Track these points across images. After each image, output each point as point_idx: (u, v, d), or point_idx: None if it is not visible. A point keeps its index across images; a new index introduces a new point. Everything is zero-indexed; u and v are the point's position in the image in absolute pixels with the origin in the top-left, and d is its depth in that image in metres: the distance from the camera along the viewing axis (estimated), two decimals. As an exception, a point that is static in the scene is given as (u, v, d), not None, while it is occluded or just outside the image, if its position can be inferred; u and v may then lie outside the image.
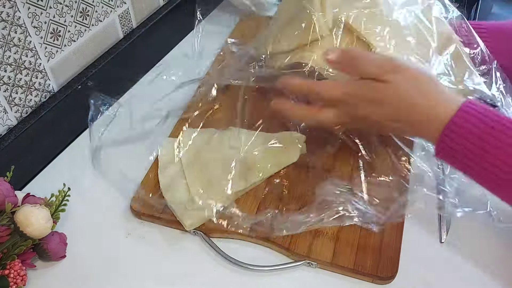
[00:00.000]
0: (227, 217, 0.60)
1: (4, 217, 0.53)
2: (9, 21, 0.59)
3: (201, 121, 0.73)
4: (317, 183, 0.63)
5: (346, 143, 0.63)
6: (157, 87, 0.81)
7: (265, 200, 0.63)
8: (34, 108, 0.67)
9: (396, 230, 0.59)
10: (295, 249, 0.58)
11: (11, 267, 0.52)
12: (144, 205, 0.62)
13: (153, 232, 0.61)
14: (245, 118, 0.73)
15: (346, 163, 0.66)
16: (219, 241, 0.60)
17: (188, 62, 0.86)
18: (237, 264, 0.58)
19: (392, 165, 0.61)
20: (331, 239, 0.58)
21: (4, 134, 0.63)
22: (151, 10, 0.84)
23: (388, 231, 0.59)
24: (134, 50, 0.80)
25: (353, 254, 0.57)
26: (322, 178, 0.64)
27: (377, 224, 0.56)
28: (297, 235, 0.59)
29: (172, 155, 0.66)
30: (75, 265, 0.58)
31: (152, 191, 0.63)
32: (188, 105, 0.75)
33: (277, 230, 0.58)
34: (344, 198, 0.58)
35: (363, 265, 0.56)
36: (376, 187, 0.60)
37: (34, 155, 0.67)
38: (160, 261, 0.59)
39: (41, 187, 0.66)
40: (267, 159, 0.65)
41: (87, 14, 0.70)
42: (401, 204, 0.57)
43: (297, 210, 0.61)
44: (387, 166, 0.62)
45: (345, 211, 0.57)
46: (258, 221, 0.59)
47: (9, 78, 0.61)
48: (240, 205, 0.62)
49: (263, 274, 0.58)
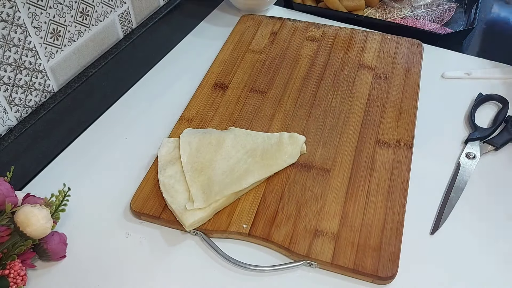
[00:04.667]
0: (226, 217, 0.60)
1: (4, 217, 0.53)
2: (9, 21, 0.59)
3: (201, 121, 0.73)
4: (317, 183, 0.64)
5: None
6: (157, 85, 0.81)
7: (265, 200, 0.63)
8: (34, 108, 0.67)
9: (396, 229, 0.59)
10: (295, 249, 0.58)
11: (11, 267, 0.52)
12: (144, 205, 0.62)
13: (153, 232, 0.61)
14: (245, 117, 0.73)
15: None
16: (219, 241, 0.60)
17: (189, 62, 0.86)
18: (237, 265, 0.58)
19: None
20: (331, 239, 0.58)
21: (4, 134, 0.63)
22: (151, 10, 0.84)
23: (388, 231, 0.59)
24: (134, 50, 0.80)
25: (353, 254, 0.57)
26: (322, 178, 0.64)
27: None
28: (296, 235, 0.59)
29: (172, 155, 0.66)
30: (75, 265, 0.58)
31: (152, 191, 0.64)
32: (188, 104, 0.76)
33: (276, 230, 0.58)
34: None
35: (363, 265, 0.56)
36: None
37: (34, 155, 0.67)
38: (160, 261, 0.59)
39: (41, 187, 0.66)
40: (267, 159, 0.65)
41: (87, 14, 0.70)
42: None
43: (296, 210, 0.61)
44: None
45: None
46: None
47: (9, 78, 0.61)
48: (240, 205, 0.62)
49: (263, 274, 0.58)
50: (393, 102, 0.76)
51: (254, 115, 0.74)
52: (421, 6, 1.01)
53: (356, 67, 0.82)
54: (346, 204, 0.62)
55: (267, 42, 0.88)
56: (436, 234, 0.61)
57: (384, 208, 0.62)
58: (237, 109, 0.75)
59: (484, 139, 0.71)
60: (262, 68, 0.82)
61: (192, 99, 0.77)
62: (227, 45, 0.87)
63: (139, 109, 0.78)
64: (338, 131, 0.71)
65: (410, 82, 0.79)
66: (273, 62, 0.84)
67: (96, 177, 0.68)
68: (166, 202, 0.61)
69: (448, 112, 0.77)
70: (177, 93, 0.79)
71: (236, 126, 0.72)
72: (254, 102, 0.76)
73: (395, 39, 0.88)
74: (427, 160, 0.69)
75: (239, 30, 0.91)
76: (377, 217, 0.61)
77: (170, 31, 0.88)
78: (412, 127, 0.72)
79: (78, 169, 0.69)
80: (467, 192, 0.65)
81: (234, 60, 0.84)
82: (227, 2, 1.00)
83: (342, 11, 0.97)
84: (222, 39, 0.89)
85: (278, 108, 0.75)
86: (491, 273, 0.57)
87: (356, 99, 0.76)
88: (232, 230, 0.60)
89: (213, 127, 0.72)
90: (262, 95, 0.77)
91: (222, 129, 0.72)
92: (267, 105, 0.76)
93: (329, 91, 0.78)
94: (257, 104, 0.76)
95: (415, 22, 0.97)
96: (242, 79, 0.80)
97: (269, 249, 0.60)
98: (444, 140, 0.72)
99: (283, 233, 0.59)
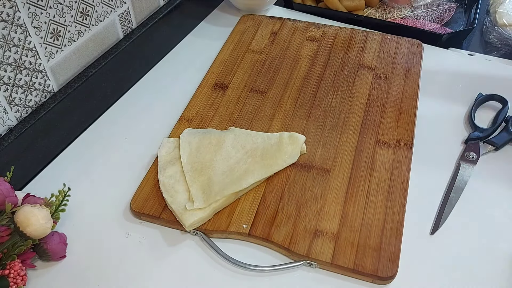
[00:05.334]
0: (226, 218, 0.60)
1: (4, 217, 0.53)
2: (9, 21, 0.59)
3: (201, 121, 0.73)
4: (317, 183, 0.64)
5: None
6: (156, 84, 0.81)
7: (265, 200, 0.63)
8: (34, 108, 0.67)
9: (396, 229, 0.59)
10: (295, 249, 0.58)
11: (11, 267, 0.52)
12: (144, 205, 0.62)
13: (153, 232, 0.61)
14: (245, 117, 0.73)
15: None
16: (219, 242, 0.60)
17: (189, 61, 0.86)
18: (237, 265, 0.58)
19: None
20: (331, 239, 0.58)
21: (4, 134, 0.63)
22: (151, 10, 0.84)
23: (388, 231, 0.59)
24: (134, 50, 0.80)
25: (353, 254, 0.57)
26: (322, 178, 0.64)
27: None
28: (296, 235, 0.59)
29: (172, 155, 0.66)
30: (75, 265, 0.58)
31: (152, 191, 0.63)
32: (188, 104, 0.76)
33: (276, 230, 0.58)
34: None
35: (363, 265, 0.56)
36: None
37: (34, 155, 0.67)
38: (160, 261, 0.59)
39: (41, 187, 0.66)
40: (267, 159, 0.65)
41: (87, 14, 0.70)
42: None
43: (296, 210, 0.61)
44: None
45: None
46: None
47: (9, 78, 0.61)
48: (240, 205, 0.62)
49: (263, 274, 0.58)
50: (393, 102, 0.76)
51: (254, 115, 0.74)
52: (421, 6, 1.01)
53: (356, 67, 0.82)
54: (346, 204, 0.62)
55: (267, 42, 0.88)
56: (436, 234, 0.61)
57: (384, 208, 0.62)
58: (237, 109, 0.75)
59: (484, 139, 0.71)
60: (262, 68, 0.82)
61: (192, 99, 0.77)
62: (227, 45, 0.87)
63: (139, 109, 0.78)
64: (338, 131, 0.71)
65: (410, 82, 0.79)
66: (273, 62, 0.84)
67: (96, 177, 0.68)
68: (166, 202, 0.61)
69: (448, 112, 0.77)
70: (177, 93, 0.79)
71: (236, 126, 0.72)
72: (254, 102, 0.76)
73: (395, 39, 0.88)
74: (427, 160, 0.69)
75: (239, 30, 0.91)
76: (377, 217, 0.61)
77: (170, 31, 0.88)
78: (412, 127, 0.72)
79: (78, 169, 0.69)
80: (467, 192, 0.65)
81: (234, 60, 0.84)
82: (227, 2, 1.00)
83: (342, 11, 0.97)
84: (222, 39, 0.89)
85: (278, 108, 0.75)
86: (491, 273, 0.57)
87: (356, 99, 0.76)
88: (232, 230, 0.60)
89: (213, 127, 0.72)
90: (262, 95, 0.77)
91: (222, 129, 0.72)
92: (267, 105, 0.76)
93: (329, 91, 0.78)
94: (257, 104, 0.76)
95: (415, 22, 0.97)
96: (242, 79, 0.80)
97: (269, 249, 0.60)
98: (444, 140, 0.72)
99: (283, 233, 0.59)
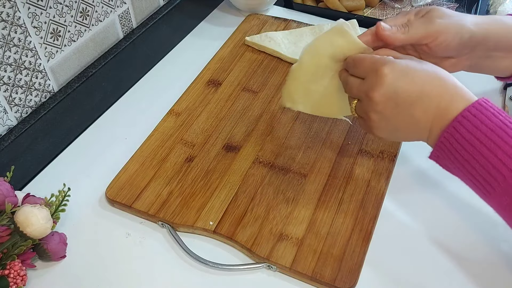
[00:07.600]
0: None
1: (4, 217, 0.53)
2: (9, 21, 0.59)
3: (189, 116, 0.73)
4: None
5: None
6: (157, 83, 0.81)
7: (237, 199, 0.62)
8: (34, 108, 0.67)
9: (361, 242, 0.58)
10: (257, 250, 0.57)
11: (11, 267, 0.52)
12: (117, 193, 0.63)
13: (153, 232, 0.61)
14: (232, 116, 0.73)
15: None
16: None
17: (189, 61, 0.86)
18: (198, 260, 0.57)
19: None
20: (294, 244, 0.58)
21: (4, 134, 0.63)
22: (151, 10, 0.84)
23: (354, 242, 0.58)
24: (134, 50, 0.80)
25: (314, 261, 0.56)
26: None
27: None
28: (261, 237, 0.58)
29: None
30: (75, 265, 0.58)
31: (128, 181, 0.64)
32: (179, 99, 0.76)
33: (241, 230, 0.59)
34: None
35: (322, 273, 0.55)
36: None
37: (34, 155, 0.67)
38: (160, 261, 0.59)
39: (41, 187, 0.66)
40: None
41: (87, 14, 0.70)
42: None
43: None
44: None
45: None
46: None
47: (9, 78, 0.61)
48: (210, 202, 0.62)
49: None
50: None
51: (241, 114, 0.74)
52: (421, 6, 1.01)
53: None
54: (316, 211, 0.61)
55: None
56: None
57: (353, 219, 0.60)
58: (226, 107, 0.75)
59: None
60: (258, 68, 0.82)
61: (183, 94, 0.77)
62: (228, 43, 0.87)
63: (139, 109, 0.78)
64: (322, 137, 0.70)
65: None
66: (270, 63, 0.83)
67: (96, 177, 0.68)
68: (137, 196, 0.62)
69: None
70: (177, 93, 0.79)
71: (222, 123, 0.72)
72: (244, 101, 0.76)
73: (395, 39, 0.87)
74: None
75: (242, 29, 0.90)
76: (345, 226, 0.59)
77: (170, 31, 0.88)
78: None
79: (78, 169, 0.69)
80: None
81: (232, 58, 0.84)
82: (227, 2, 1.00)
83: (342, 11, 0.97)
84: (222, 39, 0.89)
85: (267, 109, 0.75)
86: (491, 276, 0.57)
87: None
88: (198, 226, 0.60)
89: (200, 122, 0.72)
90: (253, 94, 0.77)
91: (208, 125, 0.72)
92: (256, 105, 0.75)
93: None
94: (246, 104, 0.75)
95: (415, 22, 0.97)
96: (236, 78, 0.80)
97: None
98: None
99: (248, 234, 0.59)
